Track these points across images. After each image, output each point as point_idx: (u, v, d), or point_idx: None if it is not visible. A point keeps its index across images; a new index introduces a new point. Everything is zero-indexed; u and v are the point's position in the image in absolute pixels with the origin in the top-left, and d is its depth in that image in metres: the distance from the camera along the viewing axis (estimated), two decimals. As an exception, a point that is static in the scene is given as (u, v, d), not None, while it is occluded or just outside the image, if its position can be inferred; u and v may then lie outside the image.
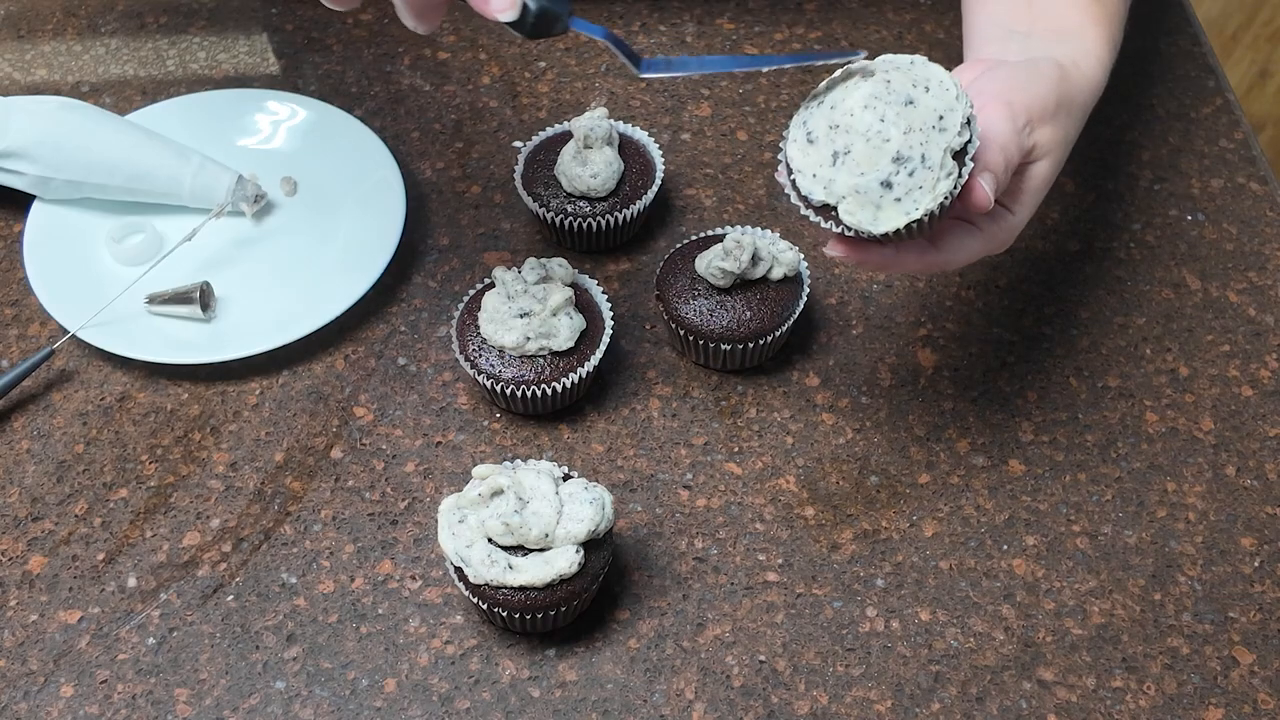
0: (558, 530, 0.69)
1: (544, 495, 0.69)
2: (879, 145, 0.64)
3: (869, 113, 0.64)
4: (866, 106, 0.64)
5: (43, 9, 1.03)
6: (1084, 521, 0.78)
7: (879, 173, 0.64)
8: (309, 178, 0.91)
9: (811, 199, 0.66)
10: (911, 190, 0.64)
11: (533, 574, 0.69)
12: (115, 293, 0.84)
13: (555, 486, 0.69)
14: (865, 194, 0.64)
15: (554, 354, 0.79)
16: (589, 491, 0.70)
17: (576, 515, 0.69)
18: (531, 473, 0.70)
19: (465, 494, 0.70)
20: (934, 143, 0.63)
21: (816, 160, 0.65)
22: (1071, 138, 0.74)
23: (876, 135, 0.64)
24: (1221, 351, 0.85)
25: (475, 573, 0.69)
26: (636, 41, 1.01)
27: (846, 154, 0.64)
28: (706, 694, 0.72)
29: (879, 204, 0.64)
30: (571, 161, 0.86)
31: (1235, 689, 0.72)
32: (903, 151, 0.63)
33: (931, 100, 0.64)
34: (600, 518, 0.69)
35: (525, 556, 0.69)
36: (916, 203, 0.64)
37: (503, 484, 0.69)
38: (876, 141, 0.64)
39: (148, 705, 0.71)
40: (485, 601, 0.70)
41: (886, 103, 0.64)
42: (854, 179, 0.64)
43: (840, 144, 0.64)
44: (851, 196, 0.64)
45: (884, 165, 0.64)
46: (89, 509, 0.78)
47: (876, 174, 0.64)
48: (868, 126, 0.64)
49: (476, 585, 0.70)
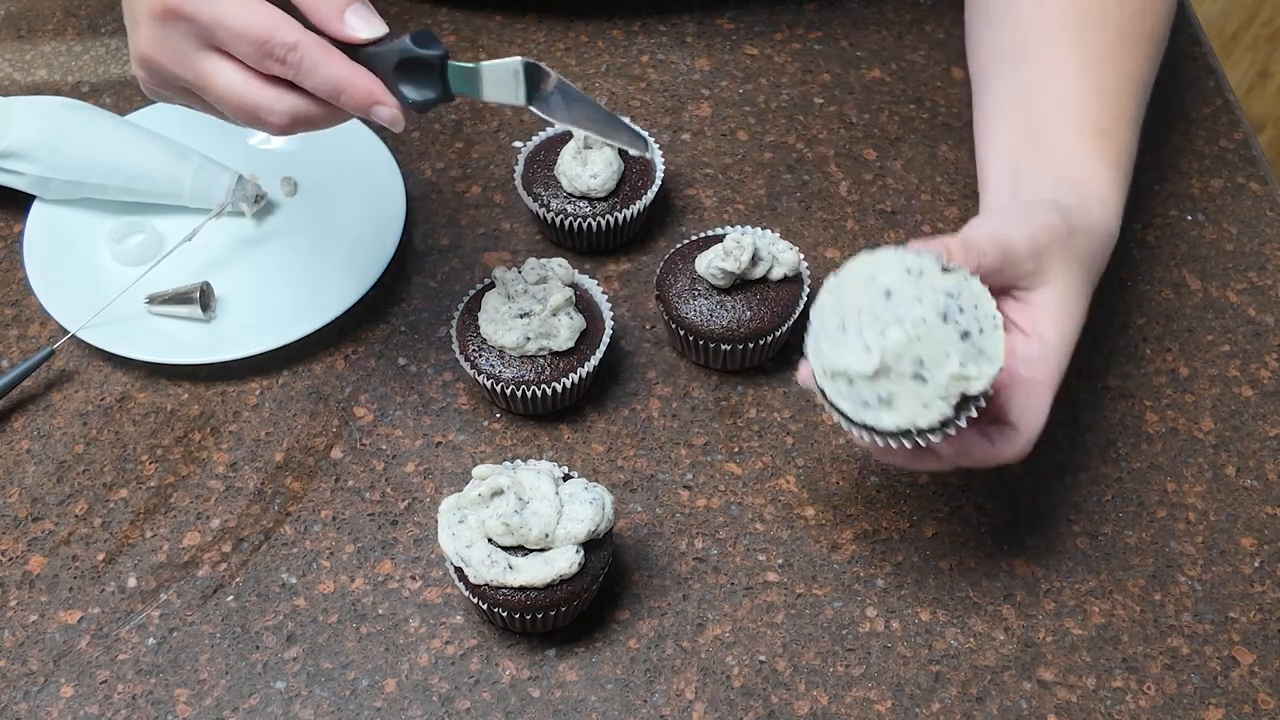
0: (558, 530, 0.69)
1: (544, 495, 0.69)
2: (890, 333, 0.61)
3: (904, 304, 0.61)
4: (905, 297, 0.61)
5: (43, 9, 1.03)
6: (1084, 521, 0.78)
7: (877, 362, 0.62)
8: (309, 178, 0.91)
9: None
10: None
11: (533, 574, 0.69)
12: (115, 293, 0.83)
13: (555, 487, 0.69)
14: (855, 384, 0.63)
15: (554, 354, 0.79)
16: (589, 491, 0.70)
17: (577, 515, 0.69)
18: (531, 473, 0.70)
19: (465, 494, 0.70)
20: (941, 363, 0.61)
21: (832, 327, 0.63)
22: (1078, 293, 0.70)
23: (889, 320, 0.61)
24: (1221, 351, 0.85)
25: (475, 573, 0.69)
26: (636, 42, 1.01)
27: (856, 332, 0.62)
28: (706, 694, 0.72)
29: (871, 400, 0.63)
30: (571, 161, 0.86)
31: (1235, 689, 0.72)
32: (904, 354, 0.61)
33: (963, 318, 0.61)
34: (600, 518, 0.69)
35: (525, 556, 0.69)
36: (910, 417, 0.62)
37: (503, 484, 0.69)
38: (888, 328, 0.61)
39: (148, 705, 0.71)
40: (485, 601, 0.70)
41: (920, 301, 0.61)
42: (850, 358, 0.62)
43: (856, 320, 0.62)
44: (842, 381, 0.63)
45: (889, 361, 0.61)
46: (89, 509, 0.78)
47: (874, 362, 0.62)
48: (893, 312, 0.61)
49: (476, 585, 0.70)
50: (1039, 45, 0.79)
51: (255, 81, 0.65)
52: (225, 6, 0.64)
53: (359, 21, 0.65)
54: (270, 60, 0.64)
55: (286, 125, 0.66)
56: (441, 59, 0.66)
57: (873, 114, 0.97)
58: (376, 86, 0.65)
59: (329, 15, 0.65)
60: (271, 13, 0.64)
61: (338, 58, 0.65)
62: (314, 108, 0.66)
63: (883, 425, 0.62)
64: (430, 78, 0.66)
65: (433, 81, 0.66)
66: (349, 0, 0.65)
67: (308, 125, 0.67)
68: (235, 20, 0.64)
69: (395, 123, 0.66)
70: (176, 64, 0.66)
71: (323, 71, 0.64)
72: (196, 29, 0.65)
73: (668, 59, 1.00)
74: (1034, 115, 0.78)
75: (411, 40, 0.66)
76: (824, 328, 0.64)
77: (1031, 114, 0.78)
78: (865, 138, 0.95)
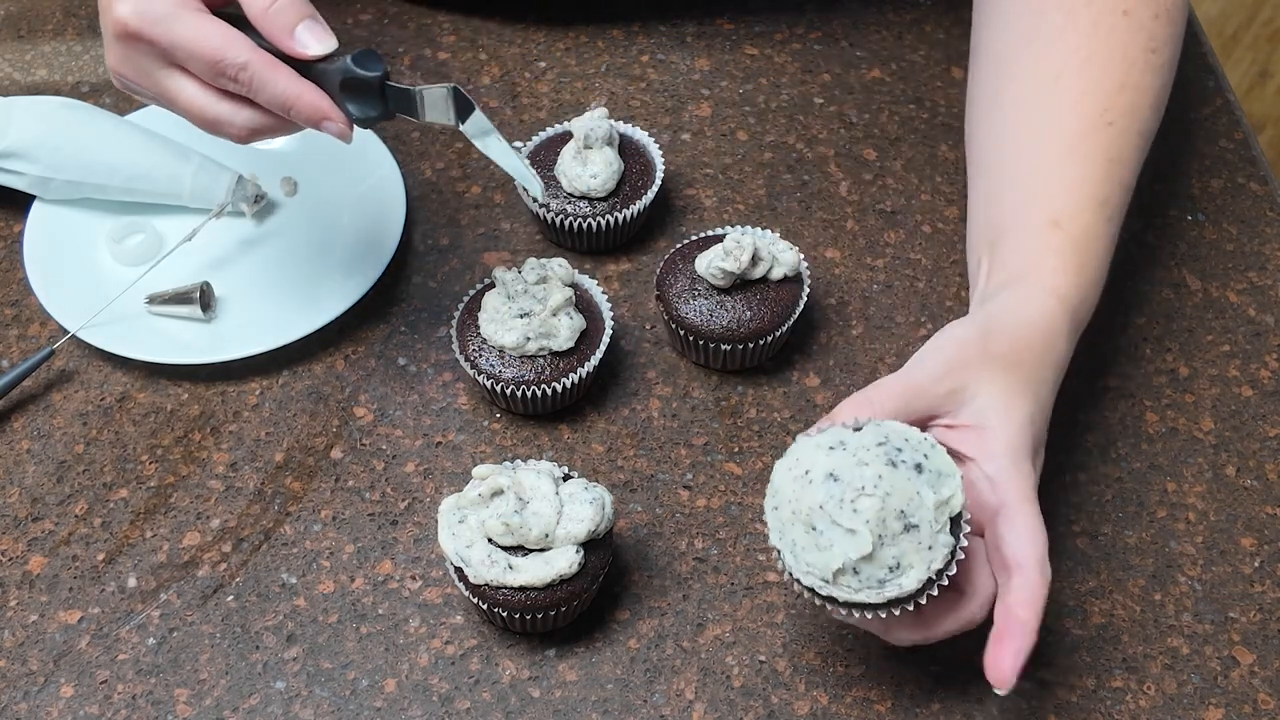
0: (558, 530, 0.69)
1: (544, 495, 0.69)
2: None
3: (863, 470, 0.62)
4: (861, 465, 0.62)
5: (43, 9, 1.03)
6: (1084, 521, 0.78)
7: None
8: (309, 178, 0.91)
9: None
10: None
11: (533, 574, 0.69)
12: (115, 293, 0.83)
13: (555, 487, 0.69)
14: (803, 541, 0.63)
15: (554, 354, 0.79)
16: (589, 491, 0.70)
17: (577, 515, 0.69)
18: (531, 473, 0.70)
19: (465, 494, 0.70)
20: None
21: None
22: (1015, 394, 0.68)
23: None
24: (1221, 351, 0.85)
25: (475, 573, 0.69)
26: (636, 42, 1.01)
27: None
28: (706, 694, 0.72)
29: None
30: (571, 162, 0.86)
31: (1235, 689, 0.72)
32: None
33: (906, 455, 0.62)
34: (600, 518, 0.69)
35: (525, 557, 0.69)
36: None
37: (503, 484, 0.69)
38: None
39: (148, 705, 0.71)
40: (485, 601, 0.70)
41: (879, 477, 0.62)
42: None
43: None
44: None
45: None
46: (89, 509, 0.78)
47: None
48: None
49: (476, 585, 0.70)
50: (1011, 142, 0.78)
51: (213, 96, 0.69)
52: (179, 28, 0.67)
53: (310, 38, 0.68)
54: (224, 78, 0.68)
55: (246, 136, 0.70)
56: (381, 79, 0.68)
57: (873, 114, 0.97)
58: (324, 102, 0.68)
59: (280, 32, 0.68)
60: (224, 33, 0.67)
61: (286, 75, 0.68)
62: (269, 120, 0.70)
63: (908, 588, 0.62)
64: (371, 96, 0.69)
65: (374, 100, 0.69)
66: (300, 17, 0.68)
67: (267, 135, 0.71)
68: (188, 42, 0.67)
69: (343, 137, 0.69)
70: (141, 79, 0.70)
71: (272, 89, 0.67)
72: (156, 49, 0.68)
73: (668, 59, 1.00)
74: (996, 217, 0.76)
75: (353, 60, 0.68)
76: (796, 544, 0.63)
77: (995, 216, 0.77)
78: (865, 138, 0.95)
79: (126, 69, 0.70)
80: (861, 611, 0.63)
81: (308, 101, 0.68)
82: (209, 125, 0.70)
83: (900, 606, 0.63)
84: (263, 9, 0.68)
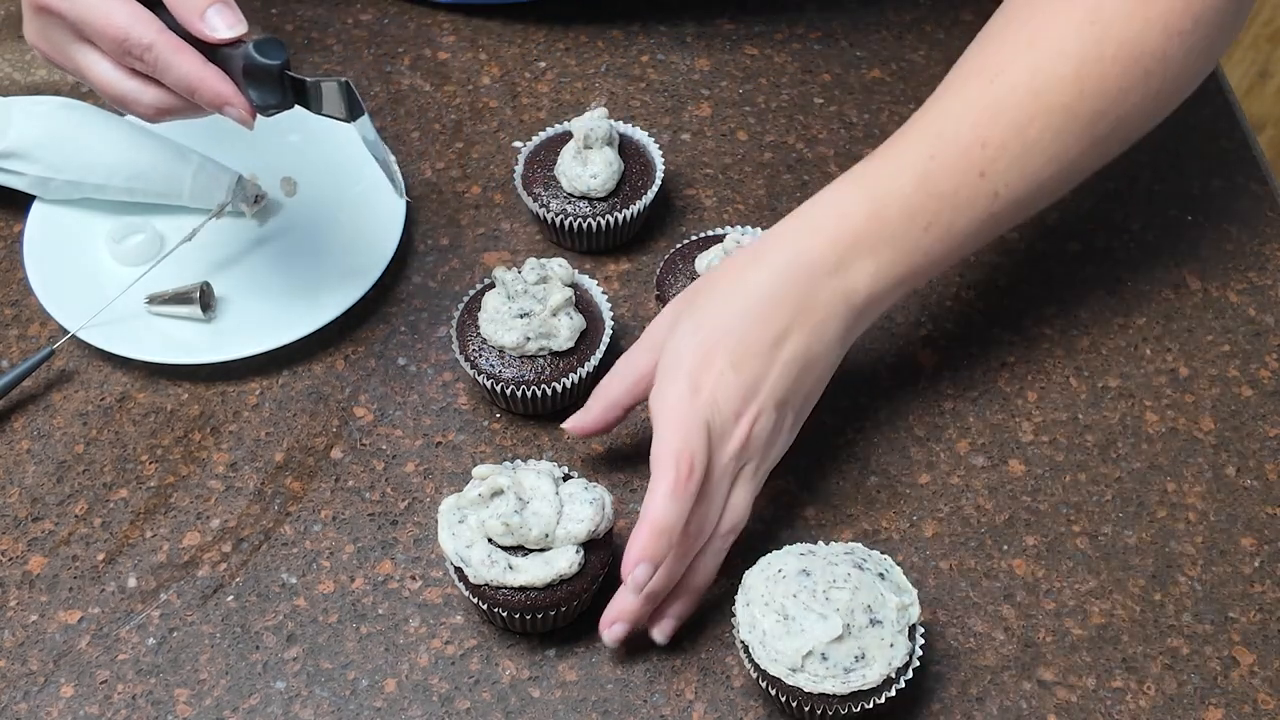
0: (558, 530, 0.69)
1: (544, 495, 0.69)
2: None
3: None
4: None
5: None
6: (1084, 521, 0.78)
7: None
8: (309, 178, 0.91)
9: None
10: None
11: (533, 574, 0.69)
12: (115, 293, 0.83)
13: (555, 486, 0.69)
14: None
15: (554, 354, 0.79)
16: (589, 491, 0.70)
17: (577, 515, 0.69)
18: (531, 473, 0.70)
19: (465, 494, 0.70)
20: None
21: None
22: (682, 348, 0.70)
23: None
24: (1221, 351, 0.85)
25: (475, 573, 0.69)
26: (636, 42, 1.01)
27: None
28: (706, 694, 0.72)
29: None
30: (571, 161, 0.86)
31: (1235, 689, 0.72)
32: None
33: (870, 566, 0.69)
34: (601, 518, 0.69)
35: (525, 557, 0.69)
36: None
37: (503, 484, 0.69)
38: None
39: (148, 705, 0.71)
40: (485, 601, 0.70)
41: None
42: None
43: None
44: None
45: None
46: (89, 509, 0.78)
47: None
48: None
49: (477, 585, 0.70)
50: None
51: (122, 74, 0.70)
52: (87, 4, 0.68)
53: (219, 21, 0.68)
54: (129, 57, 0.68)
55: (153, 115, 0.71)
56: (280, 68, 0.68)
57: (873, 114, 0.97)
58: (226, 87, 0.68)
59: (190, 13, 0.68)
60: (131, 12, 0.67)
61: (191, 57, 0.68)
62: (176, 101, 0.70)
63: (871, 680, 0.66)
64: (271, 84, 0.69)
65: (274, 88, 0.69)
66: (206, 3, 0.68)
67: (176, 115, 0.71)
68: (95, 19, 0.68)
69: (244, 123, 0.69)
70: (55, 53, 0.71)
71: (176, 71, 0.68)
72: (66, 24, 0.69)
73: (668, 59, 1.00)
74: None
75: (254, 47, 0.68)
76: (766, 634, 0.67)
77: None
78: (865, 138, 0.95)
79: (41, 42, 0.71)
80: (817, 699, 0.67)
81: (210, 85, 0.68)
82: (119, 101, 0.71)
83: (860, 705, 0.66)
84: None
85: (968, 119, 0.72)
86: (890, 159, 0.73)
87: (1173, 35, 0.72)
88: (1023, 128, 0.72)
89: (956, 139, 0.72)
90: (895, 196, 0.71)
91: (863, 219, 0.71)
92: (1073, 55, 0.72)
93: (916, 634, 0.68)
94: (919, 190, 0.71)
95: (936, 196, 0.71)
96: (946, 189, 0.72)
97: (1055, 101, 0.72)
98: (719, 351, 0.69)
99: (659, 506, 0.67)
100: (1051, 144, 0.72)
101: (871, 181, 0.72)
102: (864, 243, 0.71)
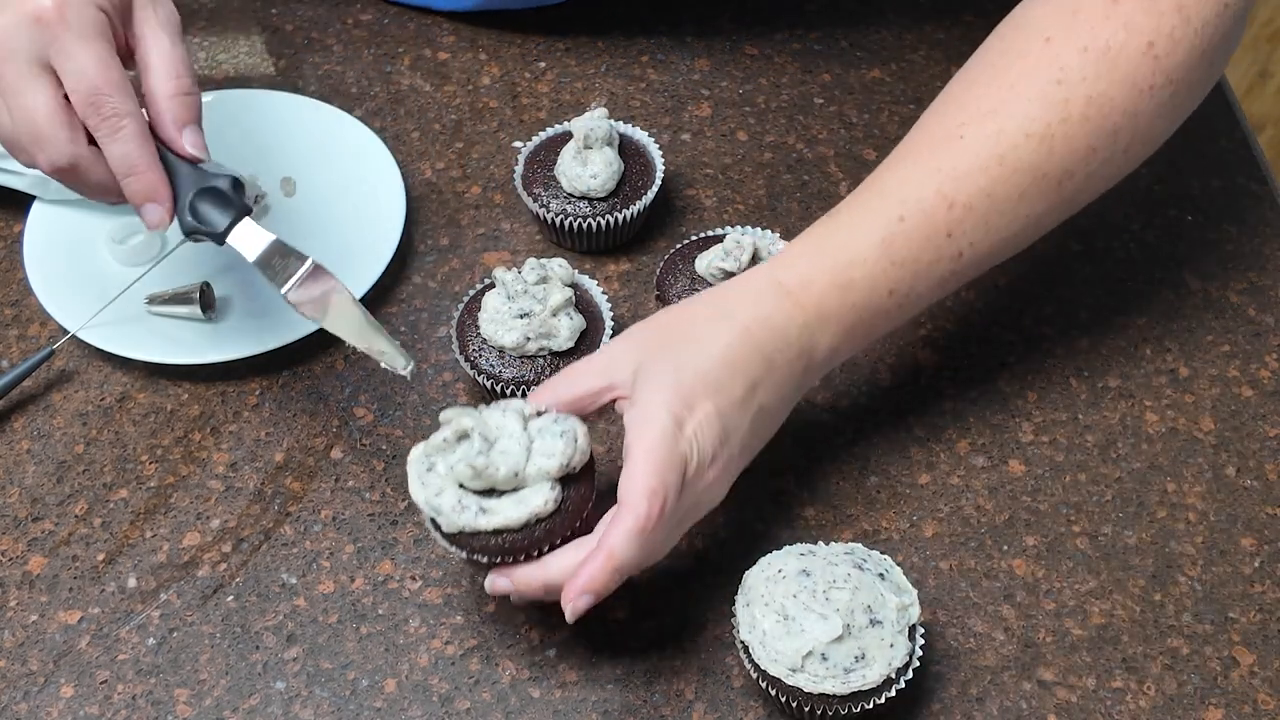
0: (528, 468, 0.66)
1: (510, 433, 0.66)
2: None
3: None
4: None
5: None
6: (1084, 521, 0.78)
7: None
8: (309, 178, 0.91)
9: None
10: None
11: (506, 515, 0.66)
12: (115, 293, 0.83)
13: (524, 423, 0.67)
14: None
15: (554, 354, 0.79)
16: (559, 424, 0.67)
17: (547, 450, 0.66)
18: (497, 412, 0.67)
19: (432, 440, 0.67)
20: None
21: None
22: (735, 419, 0.68)
23: None
24: (1221, 351, 0.85)
25: (448, 521, 0.66)
26: (636, 42, 1.01)
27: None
28: (706, 694, 0.72)
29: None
30: (571, 162, 0.86)
31: (1235, 689, 0.72)
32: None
33: (870, 566, 0.69)
34: (573, 450, 0.66)
35: (499, 499, 0.66)
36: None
37: (467, 425, 0.66)
38: None
39: (148, 705, 0.71)
40: (464, 549, 0.67)
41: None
42: None
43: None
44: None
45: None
46: (89, 509, 0.78)
47: None
48: None
49: (452, 534, 0.67)
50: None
51: (62, 115, 0.69)
52: (94, 46, 0.68)
53: (198, 139, 0.71)
54: (92, 110, 0.68)
55: (53, 167, 0.70)
56: (236, 217, 0.72)
57: (873, 114, 0.97)
58: (164, 189, 0.70)
59: (173, 123, 0.71)
60: (125, 80, 0.69)
61: (150, 147, 0.70)
62: (93, 169, 0.70)
63: (871, 680, 0.66)
64: (222, 213, 0.72)
65: (220, 217, 0.72)
66: (195, 119, 0.71)
67: (70, 179, 0.71)
68: (90, 59, 0.68)
69: (159, 224, 0.71)
70: (4, 63, 0.68)
71: (130, 146, 0.69)
72: (50, 40, 0.68)
73: (668, 59, 1.00)
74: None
75: (202, 197, 0.72)
76: (766, 634, 0.67)
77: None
78: (865, 138, 0.95)
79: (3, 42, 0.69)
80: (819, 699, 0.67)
81: (150, 178, 0.70)
82: (31, 137, 0.69)
83: (860, 705, 0.66)
84: (168, 94, 0.70)
85: (933, 182, 0.71)
86: (857, 223, 0.72)
87: (1142, 92, 0.72)
88: (989, 189, 0.71)
89: (921, 201, 0.71)
90: (860, 266, 0.71)
91: (827, 287, 0.71)
92: (1038, 117, 0.71)
93: (916, 634, 0.68)
94: (883, 257, 0.71)
95: (899, 264, 0.71)
96: (912, 254, 0.71)
97: (1023, 162, 0.71)
98: (703, 396, 0.68)
99: (621, 544, 0.65)
100: (1019, 204, 0.72)
101: (838, 246, 0.72)
102: (828, 312, 0.71)
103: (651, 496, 0.65)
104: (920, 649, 0.68)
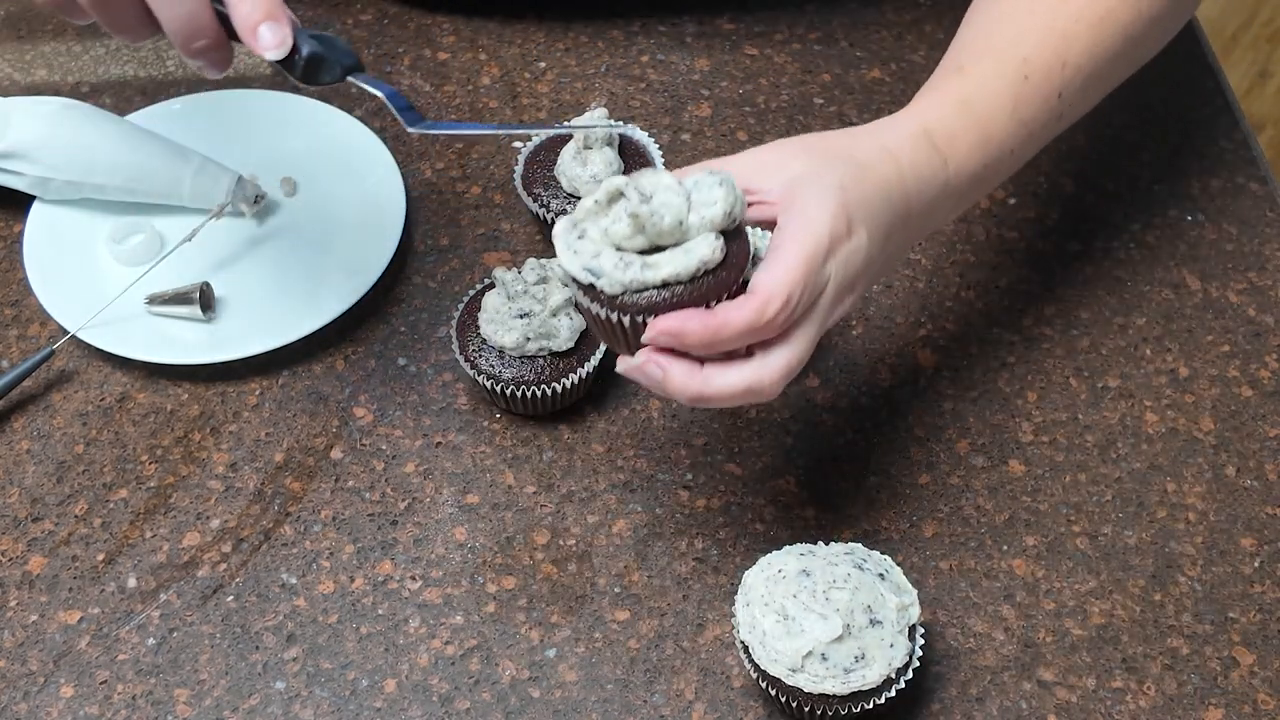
0: (690, 218, 0.62)
1: (667, 186, 0.62)
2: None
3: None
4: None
5: (43, 9, 1.03)
6: (1084, 521, 0.78)
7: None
8: (309, 178, 0.91)
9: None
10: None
11: (675, 265, 0.61)
12: (115, 293, 0.83)
13: (676, 180, 0.63)
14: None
15: (554, 354, 0.79)
16: (714, 175, 0.63)
17: (707, 200, 0.62)
18: (648, 174, 0.63)
19: (582, 205, 0.63)
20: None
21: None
22: (874, 257, 0.67)
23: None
24: (1221, 351, 0.85)
25: (610, 280, 0.62)
26: (636, 42, 1.01)
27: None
28: (706, 694, 0.72)
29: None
30: (571, 162, 0.86)
31: (1235, 689, 0.72)
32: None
33: (870, 566, 0.69)
34: (733, 198, 0.62)
35: (659, 255, 0.62)
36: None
37: (619, 184, 0.62)
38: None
39: (148, 706, 0.71)
40: (627, 314, 0.63)
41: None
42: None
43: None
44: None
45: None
46: (89, 509, 0.78)
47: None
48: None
49: (613, 296, 0.62)
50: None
51: None
52: None
53: (271, 37, 0.63)
54: None
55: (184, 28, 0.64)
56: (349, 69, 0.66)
57: (873, 114, 0.97)
58: (218, 34, 0.64)
59: (245, 22, 0.63)
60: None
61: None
62: (212, 27, 0.64)
63: (871, 680, 0.66)
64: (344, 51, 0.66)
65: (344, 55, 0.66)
66: (267, 14, 0.63)
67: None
68: None
69: (281, 44, 0.64)
70: None
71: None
72: None
73: (668, 59, 1.00)
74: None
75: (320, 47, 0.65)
76: (766, 634, 0.67)
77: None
78: (865, 138, 0.95)
79: None
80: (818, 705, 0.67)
81: (206, 22, 0.63)
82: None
83: (860, 705, 0.66)
84: None
85: (1050, 40, 0.72)
86: (988, 80, 0.72)
87: None
88: (1092, 49, 0.73)
89: (1042, 60, 0.72)
90: (996, 124, 0.71)
91: (970, 147, 0.70)
92: None
93: (916, 634, 0.68)
94: (1013, 117, 0.71)
95: (1023, 123, 0.72)
96: (1032, 113, 0.72)
97: (1119, 23, 0.74)
98: (859, 222, 0.66)
99: (727, 324, 0.62)
100: (1113, 65, 0.75)
101: (977, 103, 0.71)
102: (965, 172, 0.70)
103: (781, 299, 0.62)
104: (920, 649, 0.68)
